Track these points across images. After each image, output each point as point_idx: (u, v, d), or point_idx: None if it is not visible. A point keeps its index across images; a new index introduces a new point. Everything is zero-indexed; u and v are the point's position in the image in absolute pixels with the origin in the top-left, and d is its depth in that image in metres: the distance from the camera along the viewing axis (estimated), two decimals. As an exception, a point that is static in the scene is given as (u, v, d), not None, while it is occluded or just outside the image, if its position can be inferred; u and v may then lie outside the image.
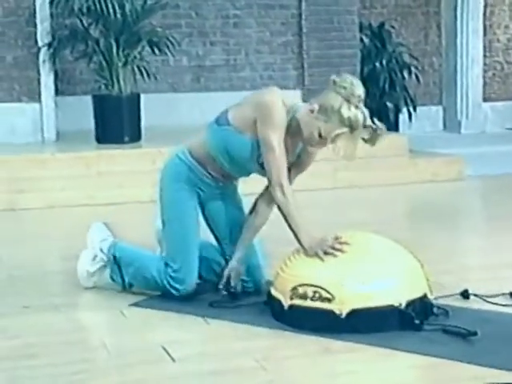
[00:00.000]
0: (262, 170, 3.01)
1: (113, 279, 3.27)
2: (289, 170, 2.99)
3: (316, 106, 2.86)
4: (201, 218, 3.20)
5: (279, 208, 2.93)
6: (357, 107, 2.83)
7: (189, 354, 2.64)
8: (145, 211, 4.67)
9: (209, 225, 3.26)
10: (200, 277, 3.17)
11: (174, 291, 3.10)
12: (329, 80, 2.88)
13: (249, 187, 3.32)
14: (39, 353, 2.65)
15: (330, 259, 2.78)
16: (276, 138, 2.90)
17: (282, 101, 2.94)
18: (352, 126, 2.82)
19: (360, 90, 2.85)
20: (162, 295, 3.20)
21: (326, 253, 2.79)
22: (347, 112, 2.81)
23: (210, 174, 3.10)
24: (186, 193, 3.10)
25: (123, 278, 3.23)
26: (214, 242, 3.29)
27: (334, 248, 2.79)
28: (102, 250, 3.27)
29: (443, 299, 3.00)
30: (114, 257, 3.23)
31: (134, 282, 3.23)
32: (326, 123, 2.84)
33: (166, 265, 3.10)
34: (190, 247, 3.11)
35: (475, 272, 3.59)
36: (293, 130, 2.96)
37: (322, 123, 2.85)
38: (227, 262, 3.17)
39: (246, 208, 3.21)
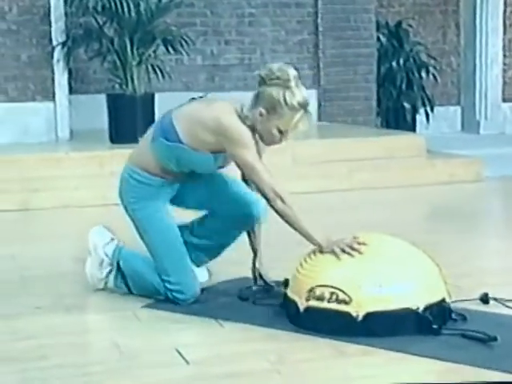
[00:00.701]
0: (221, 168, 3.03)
1: (117, 286, 3.23)
2: None
3: (262, 110, 2.83)
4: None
5: (283, 218, 2.86)
6: (297, 87, 2.82)
7: (203, 357, 2.61)
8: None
9: (189, 206, 3.20)
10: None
11: (176, 301, 3.06)
12: (257, 78, 2.85)
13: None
14: (51, 354, 2.63)
15: (348, 260, 2.73)
16: (252, 156, 2.85)
17: (235, 114, 2.88)
18: (304, 106, 2.83)
19: (290, 70, 2.83)
20: (175, 296, 3.17)
21: (343, 251, 2.74)
22: (294, 98, 2.80)
23: (166, 179, 3.05)
24: (151, 207, 3.04)
25: (128, 287, 3.20)
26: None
27: (351, 247, 2.74)
28: (106, 255, 3.23)
29: (462, 303, 2.94)
30: (118, 264, 3.20)
31: (138, 291, 3.19)
32: (280, 118, 2.83)
33: (162, 280, 3.07)
34: (179, 257, 3.06)
35: (494, 275, 3.53)
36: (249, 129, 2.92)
37: (276, 121, 2.83)
38: (223, 217, 3.11)
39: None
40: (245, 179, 3.14)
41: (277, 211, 2.85)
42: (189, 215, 3.29)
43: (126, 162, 3.15)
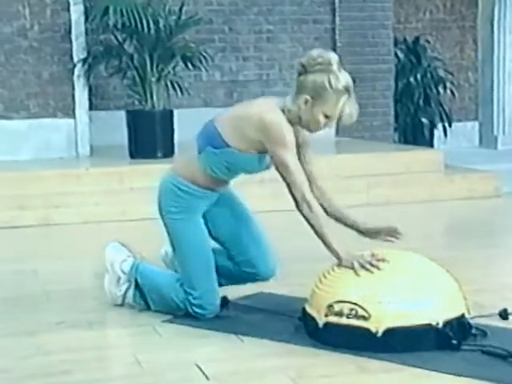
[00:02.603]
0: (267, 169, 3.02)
1: (136, 302, 3.24)
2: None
3: (307, 97, 2.82)
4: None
5: (309, 223, 2.88)
6: (339, 70, 2.82)
7: (222, 372, 2.61)
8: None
9: (210, 232, 3.19)
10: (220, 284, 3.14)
11: (197, 316, 3.07)
12: (298, 67, 2.85)
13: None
14: (73, 369, 2.65)
15: (367, 276, 2.74)
16: (290, 157, 2.86)
17: (279, 110, 2.88)
18: (349, 89, 2.82)
19: (331, 55, 2.84)
20: (196, 312, 3.19)
21: (362, 267, 2.75)
22: (338, 82, 2.80)
23: (212, 190, 3.07)
24: (191, 219, 3.06)
25: (147, 303, 3.21)
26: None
27: (370, 264, 2.74)
28: (123, 272, 3.24)
29: (481, 319, 2.94)
30: (136, 281, 3.21)
31: (158, 308, 3.20)
32: (326, 103, 2.82)
33: (185, 292, 3.08)
34: (208, 273, 3.07)
35: (513, 291, 3.51)
36: (292, 125, 2.91)
37: (322, 106, 2.82)
38: (236, 263, 3.13)
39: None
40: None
41: (303, 216, 2.87)
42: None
43: (168, 172, 3.14)
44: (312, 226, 2.86)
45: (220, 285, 3.14)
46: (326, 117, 2.84)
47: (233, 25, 7.51)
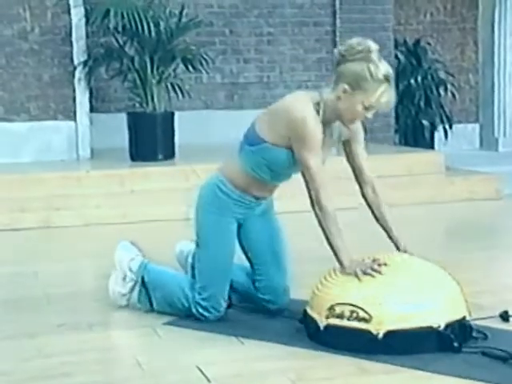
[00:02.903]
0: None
1: (140, 301, 3.24)
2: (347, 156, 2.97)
3: (345, 86, 2.78)
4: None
5: (320, 226, 2.87)
6: (379, 59, 2.78)
7: (223, 374, 2.61)
8: (178, 229, 4.67)
9: (241, 245, 3.20)
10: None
11: (201, 317, 3.08)
12: (337, 56, 2.80)
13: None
14: (74, 371, 2.64)
15: (368, 279, 2.74)
16: (313, 158, 2.83)
17: (311, 105, 2.84)
18: (388, 79, 2.79)
19: (371, 44, 2.80)
20: (196, 314, 3.19)
21: (364, 273, 2.75)
22: (378, 71, 2.76)
23: (253, 196, 3.05)
24: (227, 223, 3.05)
25: (151, 302, 3.21)
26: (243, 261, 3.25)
27: (372, 269, 2.75)
28: (131, 270, 3.23)
29: (482, 321, 2.93)
30: (143, 279, 3.21)
31: (160, 308, 3.20)
32: (365, 93, 2.77)
33: (195, 290, 3.07)
34: (224, 277, 3.07)
35: (515, 293, 3.51)
36: (327, 119, 2.88)
37: (361, 96, 2.78)
38: (254, 286, 3.13)
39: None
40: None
41: (316, 215, 2.86)
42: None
43: (213, 174, 3.11)
44: (322, 230, 2.86)
45: (229, 299, 3.14)
46: (365, 107, 2.81)
47: (233, 27, 7.51)
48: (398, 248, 3.02)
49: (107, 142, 6.70)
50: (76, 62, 6.34)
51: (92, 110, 6.63)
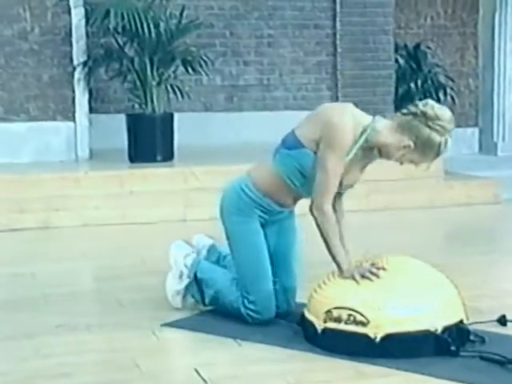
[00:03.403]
0: (340, 187, 2.95)
1: (194, 297, 3.25)
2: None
3: (411, 143, 2.82)
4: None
5: (319, 230, 2.88)
6: (450, 137, 2.84)
7: (221, 376, 2.61)
8: (177, 230, 4.67)
9: None
10: None
11: (250, 320, 3.06)
12: (415, 109, 2.82)
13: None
14: (72, 372, 2.65)
15: (366, 282, 2.74)
16: (333, 161, 2.81)
17: (353, 120, 2.84)
18: (440, 153, 2.87)
19: (451, 120, 2.83)
20: (194, 316, 3.18)
21: (362, 276, 2.75)
22: (444, 145, 2.83)
23: (276, 202, 3.04)
24: (251, 224, 3.04)
25: (203, 298, 3.22)
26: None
27: (370, 272, 2.75)
28: (186, 266, 3.24)
29: (480, 325, 2.93)
30: (195, 275, 3.21)
31: (212, 304, 3.21)
32: (422, 157, 2.86)
33: (241, 295, 3.07)
34: (264, 277, 3.05)
35: (512, 298, 3.51)
36: (365, 150, 2.89)
37: (417, 157, 2.86)
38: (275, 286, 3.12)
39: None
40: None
41: (314, 221, 2.86)
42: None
43: (240, 176, 3.10)
44: (321, 233, 2.87)
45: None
46: (411, 161, 2.88)
47: (234, 29, 7.52)
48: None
49: (106, 143, 6.70)
50: (76, 62, 6.34)
51: (91, 110, 6.63)
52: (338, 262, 2.84)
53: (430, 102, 2.86)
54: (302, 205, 3.03)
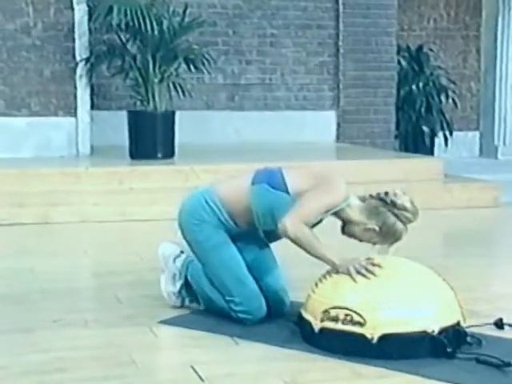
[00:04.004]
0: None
1: (189, 299, 3.26)
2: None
3: (376, 228, 2.93)
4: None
5: (297, 243, 2.87)
6: (408, 224, 2.98)
7: (217, 374, 2.61)
8: (176, 228, 4.67)
9: None
10: None
11: (244, 321, 3.05)
12: (386, 197, 2.95)
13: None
14: (68, 367, 2.65)
15: (363, 282, 2.74)
16: (321, 204, 2.89)
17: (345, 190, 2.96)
18: (399, 240, 3.00)
19: (414, 210, 2.97)
20: (191, 313, 3.19)
21: (358, 272, 2.76)
22: (403, 233, 2.98)
23: (233, 221, 3.05)
24: (217, 231, 3.03)
25: (198, 300, 3.22)
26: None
27: (366, 269, 2.76)
28: (177, 268, 3.24)
29: (477, 328, 2.94)
30: (186, 278, 3.22)
31: (208, 306, 3.20)
32: (384, 241, 2.99)
33: (226, 300, 3.07)
34: (243, 278, 3.05)
35: (510, 301, 3.52)
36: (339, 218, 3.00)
37: (380, 240, 2.99)
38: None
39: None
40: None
41: (291, 240, 2.86)
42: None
43: (203, 188, 3.10)
44: (303, 247, 2.86)
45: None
46: (370, 240, 2.99)
47: (236, 28, 7.53)
48: None
49: (107, 140, 6.71)
50: (78, 58, 6.35)
51: (93, 107, 6.64)
52: (328, 260, 2.84)
53: (399, 192, 2.99)
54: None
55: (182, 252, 3.29)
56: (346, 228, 3.01)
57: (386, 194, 2.96)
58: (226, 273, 3.05)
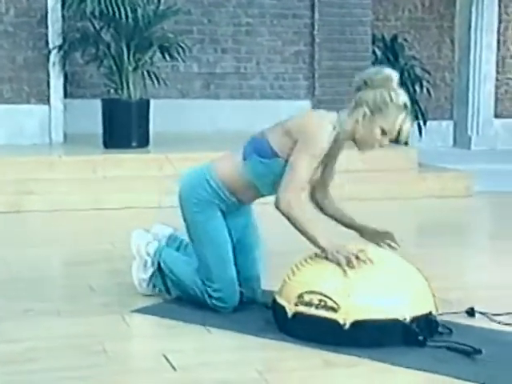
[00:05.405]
0: None
1: (158, 287, 3.24)
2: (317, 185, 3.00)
3: (366, 110, 2.81)
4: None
5: (289, 220, 2.85)
6: (399, 88, 2.84)
7: (190, 363, 2.61)
8: (150, 217, 4.66)
9: None
10: None
11: (217, 308, 3.06)
12: (359, 81, 2.84)
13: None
14: (39, 357, 2.63)
15: (338, 268, 2.74)
16: (307, 162, 2.81)
17: (328, 122, 2.86)
18: (407, 108, 2.83)
19: (391, 72, 2.84)
20: (164, 302, 3.18)
21: (348, 263, 2.73)
22: (398, 97, 2.80)
23: (237, 198, 3.04)
24: (213, 213, 3.02)
25: (167, 288, 3.21)
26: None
27: (357, 258, 2.73)
28: (148, 254, 3.23)
29: (449, 316, 2.96)
30: (159, 264, 3.20)
31: (178, 293, 3.19)
32: (385, 118, 2.81)
33: (204, 284, 3.06)
34: (227, 267, 3.04)
35: (482, 290, 3.55)
36: (341, 140, 2.91)
37: (380, 120, 2.81)
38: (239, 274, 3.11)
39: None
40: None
41: (283, 214, 2.84)
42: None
43: (204, 165, 3.06)
44: (293, 226, 2.84)
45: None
46: (383, 132, 2.84)
47: (211, 16, 7.49)
48: (355, 227, 3.13)
49: (81, 128, 6.66)
50: (51, 45, 6.29)
51: (66, 95, 6.58)
52: (317, 243, 2.80)
53: (367, 70, 2.91)
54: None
55: (154, 239, 3.27)
56: (358, 145, 2.91)
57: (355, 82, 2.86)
58: (212, 256, 3.02)
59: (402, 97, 2.82)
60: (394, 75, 2.84)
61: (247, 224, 3.17)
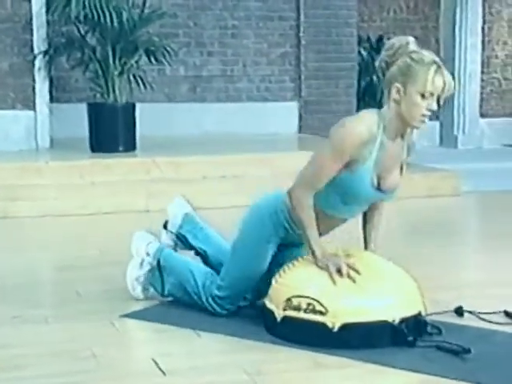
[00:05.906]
0: (383, 194, 2.94)
1: (152, 285, 3.22)
2: None
3: (397, 85, 2.71)
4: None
5: (293, 211, 2.84)
6: (420, 49, 2.74)
7: (179, 367, 2.60)
8: (138, 221, 4.65)
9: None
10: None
11: (212, 310, 3.04)
12: (381, 65, 2.77)
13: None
14: (27, 364, 2.61)
15: (325, 272, 2.74)
16: (326, 158, 2.75)
17: (364, 124, 2.74)
18: (435, 61, 2.71)
19: (405, 37, 2.77)
20: (153, 307, 3.17)
21: (338, 271, 2.72)
22: (421, 55, 2.69)
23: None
24: (267, 245, 2.94)
25: (163, 286, 3.19)
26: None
27: (348, 265, 2.73)
28: (148, 254, 3.21)
29: (437, 316, 2.97)
30: (159, 262, 3.19)
31: (172, 293, 3.18)
32: (416, 80, 2.67)
33: (214, 284, 3.03)
34: (248, 286, 3.02)
35: (470, 289, 3.56)
36: (394, 132, 2.80)
37: (414, 86, 2.67)
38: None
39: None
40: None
41: (290, 201, 2.82)
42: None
43: (282, 192, 2.93)
44: (295, 216, 2.83)
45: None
46: (423, 96, 2.69)
47: (197, 20, 7.49)
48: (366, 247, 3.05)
49: (67, 133, 6.64)
50: (36, 50, 6.26)
51: (52, 100, 6.56)
52: (311, 247, 2.79)
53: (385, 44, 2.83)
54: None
55: (155, 240, 3.27)
56: (410, 122, 2.78)
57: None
58: (244, 272, 2.98)
59: (425, 54, 2.72)
60: (406, 40, 2.75)
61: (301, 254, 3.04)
